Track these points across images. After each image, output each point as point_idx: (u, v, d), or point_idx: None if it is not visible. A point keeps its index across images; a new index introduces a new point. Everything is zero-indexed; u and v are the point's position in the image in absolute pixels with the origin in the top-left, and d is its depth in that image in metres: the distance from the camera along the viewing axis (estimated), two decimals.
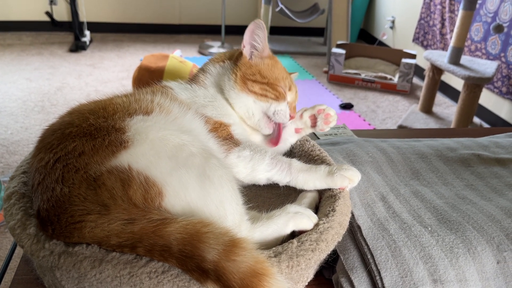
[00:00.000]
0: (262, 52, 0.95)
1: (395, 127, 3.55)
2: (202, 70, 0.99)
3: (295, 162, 0.86)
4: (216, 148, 0.83)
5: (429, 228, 0.82)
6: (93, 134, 0.69)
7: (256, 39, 0.94)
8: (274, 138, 0.96)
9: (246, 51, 0.95)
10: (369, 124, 3.56)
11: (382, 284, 0.71)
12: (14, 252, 0.94)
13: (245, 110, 0.95)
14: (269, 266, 0.60)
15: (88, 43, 5.09)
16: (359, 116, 3.69)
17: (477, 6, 3.63)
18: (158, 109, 0.79)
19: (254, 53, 0.95)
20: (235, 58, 0.97)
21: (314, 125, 0.99)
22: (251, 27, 0.92)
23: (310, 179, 0.84)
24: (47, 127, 0.78)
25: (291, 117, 0.96)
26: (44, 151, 0.71)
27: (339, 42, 4.58)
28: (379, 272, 0.73)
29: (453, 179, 1.02)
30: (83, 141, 0.68)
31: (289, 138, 1.00)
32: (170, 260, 0.61)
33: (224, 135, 0.86)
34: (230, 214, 0.69)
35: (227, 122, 0.88)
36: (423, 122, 3.59)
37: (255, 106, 0.94)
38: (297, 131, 1.00)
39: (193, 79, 0.98)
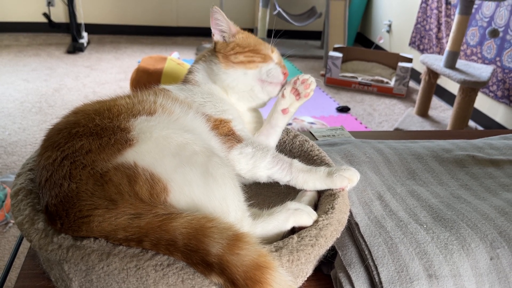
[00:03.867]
0: (230, 31, 1.01)
1: (391, 130, 3.57)
2: (189, 71, 1.03)
3: (296, 162, 0.87)
4: (218, 146, 0.85)
5: (425, 226, 0.84)
6: (99, 134, 0.71)
7: (218, 23, 1.00)
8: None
9: (216, 37, 1.01)
10: (366, 127, 3.59)
11: (379, 279, 0.74)
12: (19, 249, 0.96)
13: (243, 86, 0.98)
14: (271, 260, 0.63)
15: (85, 44, 5.10)
16: (356, 119, 3.72)
17: (473, 10, 3.67)
18: (161, 110, 0.81)
19: (225, 36, 1.01)
20: (212, 49, 1.02)
21: (298, 96, 0.99)
22: (211, 17, 1.00)
23: (310, 179, 0.86)
24: (52, 126, 0.80)
25: (285, 74, 0.99)
26: (51, 149, 0.73)
27: (336, 46, 4.61)
28: (376, 268, 0.75)
29: (448, 179, 1.05)
30: (89, 140, 0.70)
31: (278, 123, 1.00)
32: (176, 254, 0.63)
33: (225, 131, 0.88)
34: (232, 210, 0.71)
35: (227, 118, 0.90)
36: (419, 125, 3.62)
37: (248, 77, 0.97)
38: (284, 112, 0.99)
39: (184, 81, 1.01)
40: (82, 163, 0.68)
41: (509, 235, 0.83)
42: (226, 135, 0.88)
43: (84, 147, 0.69)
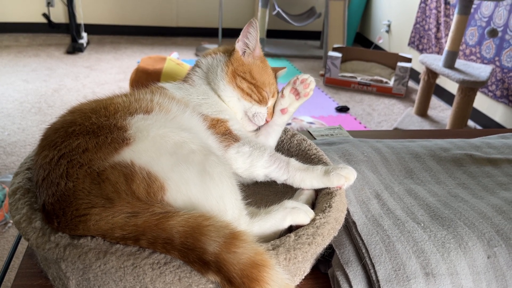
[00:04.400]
0: (254, 51, 0.98)
1: (390, 129, 3.57)
2: (194, 66, 1.02)
3: (293, 161, 0.88)
4: (215, 145, 0.86)
5: (422, 224, 0.84)
6: (96, 132, 0.71)
7: (248, 37, 0.97)
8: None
9: (239, 46, 0.98)
10: (365, 127, 3.59)
11: (376, 277, 0.74)
12: (17, 248, 0.96)
13: (231, 105, 0.98)
14: (268, 258, 0.63)
15: (85, 45, 5.11)
16: (355, 119, 3.72)
17: (472, 10, 3.67)
18: (157, 108, 0.82)
19: (246, 51, 0.98)
20: (229, 52, 1.00)
21: (297, 96, 0.99)
22: (246, 25, 0.96)
23: (307, 178, 0.86)
24: (49, 126, 0.80)
25: (267, 121, 1.00)
26: (48, 148, 0.73)
27: (335, 46, 4.61)
28: (373, 266, 0.75)
29: (445, 178, 1.05)
30: (86, 139, 0.70)
31: (278, 123, 1.01)
32: (172, 252, 0.63)
33: (222, 131, 0.88)
34: (229, 209, 0.71)
35: (223, 118, 0.91)
36: (418, 125, 3.62)
37: (238, 104, 0.97)
38: (283, 111, 1.00)
39: (184, 78, 1.01)
40: (79, 162, 0.68)
41: (506, 233, 0.83)
42: (223, 134, 0.88)
43: (81, 146, 0.69)
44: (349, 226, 0.85)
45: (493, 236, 0.82)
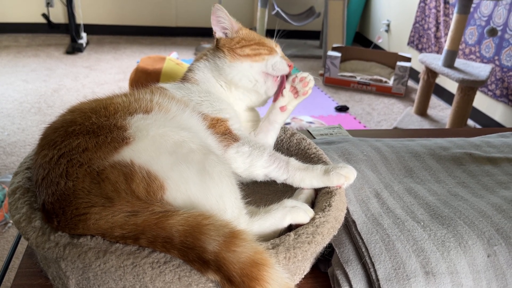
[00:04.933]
0: (233, 27, 1.01)
1: (390, 129, 3.58)
2: (190, 69, 1.03)
3: (293, 161, 0.88)
4: (215, 144, 0.85)
5: (422, 223, 0.84)
6: (96, 132, 0.72)
7: (220, 21, 1.00)
8: (276, 94, 1.00)
9: (218, 34, 1.01)
10: (365, 127, 3.59)
11: (376, 276, 0.74)
12: (16, 249, 0.96)
13: (247, 80, 0.98)
14: (268, 257, 0.63)
15: (84, 45, 5.10)
16: (355, 118, 3.72)
17: (471, 9, 3.67)
18: (157, 108, 0.82)
19: (227, 33, 1.01)
20: (214, 46, 1.02)
21: (296, 94, 1.00)
22: (212, 15, 1.00)
23: (307, 177, 0.86)
24: (48, 125, 0.80)
25: (290, 67, 0.99)
26: (48, 147, 0.73)
27: (334, 45, 4.61)
28: (373, 265, 0.75)
29: (445, 177, 1.05)
30: (86, 138, 0.70)
31: (277, 120, 1.01)
32: (172, 251, 0.63)
33: (222, 130, 0.88)
34: (229, 208, 0.71)
35: (223, 117, 0.91)
36: (417, 124, 3.62)
37: (253, 70, 0.97)
38: (282, 109, 1.00)
39: (183, 79, 1.01)
40: (78, 161, 0.68)
41: (506, 232, 0.83)
42: (222, 134, 0.88)
43: (81, 145, 0.69)
44: (348, 225, 0.85)
45: (493, 234, 0.82)
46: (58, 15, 5.37)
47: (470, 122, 3.73)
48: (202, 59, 1.02)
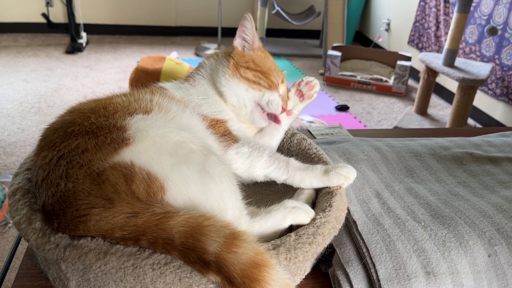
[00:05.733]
0: (253, 43, 0.98)
1: (390, 128, 3.57)
2: (197, 66, 1.02)
3: (293, 161, 0.87)
4: (215, 145, 0.85)
5: (423, 223, 0.84)
6: (95, 133, 0.71)
7: (244, 31, 0.97)
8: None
9: (237, 42, 0.98)
10: (365, 126, 3.59)
11: (377, 276, 0.74)
12: (16, 249, 0.96)
13: (236, 100, 0.95)
14: (269, 258, 0.63)
15: (84, 44, 5.10)
16: (355, 117, 3.72)
17: (472, 8, 3.67)
18: (157, 108, 0.81)
19: (245, 46, 0.98)
20: (229, 51, 1.00)
21: (301, 98, 0.99)
22: (241, 21, 0.96)
23: (306, 177, 0.86)
24: (48, 126, 0.79)
25: (283, 109, 0.96)
26: (47, 149, 0.73)
27: (335, 45, 4.61)
28: (374, 265, 0.75)
29: (446, 177, 1.05)
30: (85, 139, 0.70)
31: (282, 125, 1.00)
32: (173, 252, 0.63)
33: (221, 131, 0.88)
34: (230, 209, 0.71)
35: (223, 119, 0.90)
36: (418, 123, 3.62)
37: (247, 95, 0.95)
38: (288, 113, 1.00)
39: (186, 77, 1.01)
40: (78, 163, 0.67)
41: (507, 232, 0.83)
42: (222, 134, 0.88)
43: (80, 146, 0.69)
44: (349, 225, 0.85)
45: (494, 234, 0.82)
46: (58, 14, 5.37)
47: (471, 121, 3.73)
48: (212, 57, 1.02)
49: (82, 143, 0.70)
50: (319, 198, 0.85)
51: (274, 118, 0.97)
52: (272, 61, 1.00)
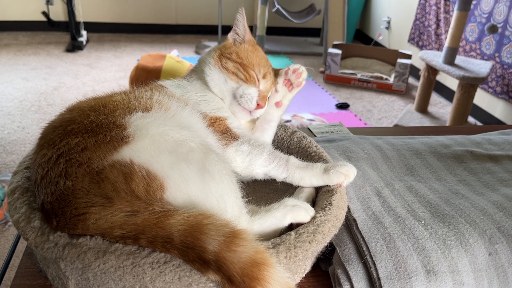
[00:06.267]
0: (243, 37, 0.98)
1: (390, 126, 3.57)
2: (198, 61, 1.02)
3: (293, 159, 0.87)
4: (215, 143, 0.85)
5: (423, 222, 0.84)
6: (95, 131, 0.71)
7: (237, 25, 0.98)
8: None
9: (230, 35, 0.99)
10: (365, 124, 3.59)
11: (377, 275, 0.73)
12: (16, 248, 0.96)
13: (218, 90, 0.96)
14: (269, 256, 0.62)
15: (84, 43, 5.10)
16: (355, 115, 3.71)
17: (472, 6, 3.66)
18: (157, 106, 0.81)
19: (236, 39, 0.99)
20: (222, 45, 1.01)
21: (290, 87, 0.98)
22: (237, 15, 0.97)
23: (306, 176, 0.86)
24: (47, 124, 0.79)
25: (259, 106, 0.94)
26: (47, 147, 0.72)
27: (335, 43, 4.60)
28: (374, 264, 0.75)
29: (446, 175, 1.05)
30: (85, 137, 0.70)
31: (273, 118, 1.00)
32: (172, 251, 0.63)
33: (221, 129, 0.88)
34: (229, 207, 0.71)
35: (222, 116, 0.90)
36: (418, 121, 3.61)
37: (226, 86, 0.95)
38: (277, 105, 0.99)
39: (185, 75, 1.01)
40: (77, 161, 0.67)
41: (507, 230, 0.83)
42: (222, 132, 0.87)
43: (80, 144, 0.69)
44: (349, 224, 0.85)
45: (494, 233, 0.82)
46: (58, 13, 5.36)
47: (471, 119, 3.72)
48: (208, 52, 1.02)
49: (81, 141, 0.69)
50: (319, 196, 0.85)
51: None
52: (260, 56, 0.99)
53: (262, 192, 0.98)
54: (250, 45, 0.99)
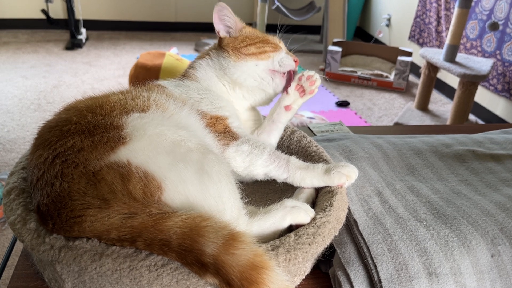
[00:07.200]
0: (236, 26, 1.00)
1: (391, 124, 3.56)
2: (191, 66, 1.01)
3: (293, 160, 0.86)
4: (213, 143, 0.84)
5: (424, 223, 0.83)
6: (92, 131, 0.70)
7: (224, 19, 0.99)
8: (284, 88, 0.99)
9: (222, 33, 1.00)
10: (365, 122, 3.58)
11: (378, 277, 0.72)
12: (13, 248, 0.95)
13: (252, 79, 0.96)
14: (268, 259, 0.61)
15: (84, 41, 5.08)
16: (355, 113, 3.70)
17: (473, 3, 3.65)
18: (154, 106, 0.80)
19: (231, 32, 0.99)
20: (217, 45, 1.01)
21: (302, 93, 0.98)
22: (215, 13, 0.98)
23: (307, 176, 0.85)
24: (43, 124, 0.78)
25: (296, 62, 0.99)
26: (43, 147, 0.71)
27: (335, 40, 4.59)
28: (375, 266, 0.74)
29: (448, 175, 1.04)
30: (81, 138, 0.69)
31: (281, 120, 0.99)
32: (170, 254, 0.62)
33: (221, 128, 0.87)
34: (228, 209, 0.70)
35: (223, 115, 0.89)
36: (419, 119, 3.60)
37: (259, 68, 0.96)
38: (287, 108, 0.98)
39: (184, 75, 0.99)
40: (74, 162, 0.66)
41: (510, 231, 0.82)
42: (222, 132, 0.86)
43: (76, 145, 0.68)
44: (350, 225, 0.84)
45: (497, 234, 0.81)
46: (57, 10, 5.34)
47: (472, 117, 3.71)
48: (205, 57, 1.01)
49: (78, 142, 0.68)
50: (320, 197, 0.83)
51: (289, 78, 0.98)
52: (259, 31, 1.03)
53: (261, 192, 0.97)
54: (248, 28, 1.02)
